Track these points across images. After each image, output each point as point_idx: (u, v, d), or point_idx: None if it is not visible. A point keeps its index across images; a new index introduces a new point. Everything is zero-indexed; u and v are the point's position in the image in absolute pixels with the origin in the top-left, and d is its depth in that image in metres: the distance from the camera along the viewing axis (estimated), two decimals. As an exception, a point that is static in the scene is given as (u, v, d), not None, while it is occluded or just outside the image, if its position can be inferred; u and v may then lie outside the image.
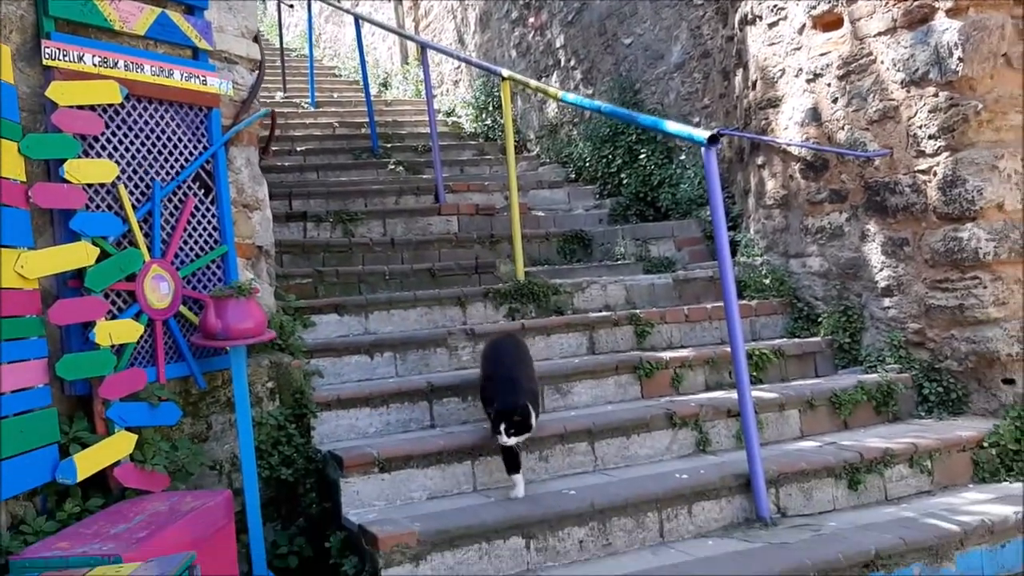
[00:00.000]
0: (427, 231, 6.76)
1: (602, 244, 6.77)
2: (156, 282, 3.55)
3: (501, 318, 5.41)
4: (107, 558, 2.59)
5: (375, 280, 5.76)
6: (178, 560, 2.39)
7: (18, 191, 3.04)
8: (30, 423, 2.96)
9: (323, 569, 3.84)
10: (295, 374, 4.21)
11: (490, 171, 8.43)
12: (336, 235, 6.52)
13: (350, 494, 3.77)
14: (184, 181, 3.77)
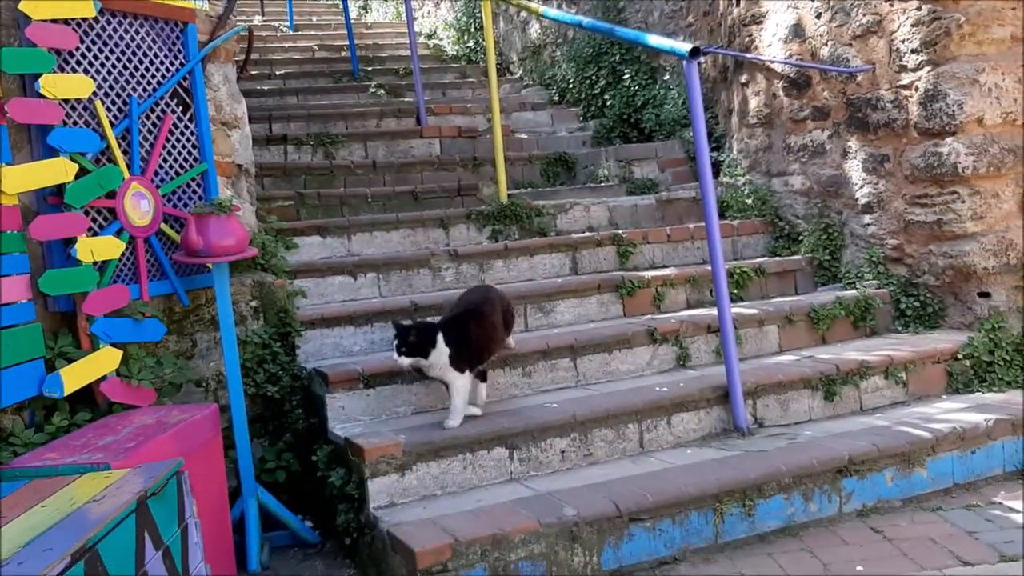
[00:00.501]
0: (409, 154, 6.73)
1: (586, 166, 6.75)
2: (136, 199, 3.54)
3: (484, 240, 5.42)
4: (96, 466, 2.63)
5: (357, 202, 5.74)
6: (166, 465, 2.44)
7: (-8, 105, 3.01)
8: (15, 337, 2.98)
9: (310, 482, 3.93)
10: (278, 293, 4.23)
11: (472, 94, 8.34)
12: (317, 158, 6.48)
13: (336, 409, 3.82)
14: (161, 98, 3.73)
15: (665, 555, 3.28)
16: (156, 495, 2.29)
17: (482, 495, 3.45)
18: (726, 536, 3.38)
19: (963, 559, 3.16)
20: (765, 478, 3.43)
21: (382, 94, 8.02)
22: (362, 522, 3.44)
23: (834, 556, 3.26)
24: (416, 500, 3.45)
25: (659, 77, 6.96)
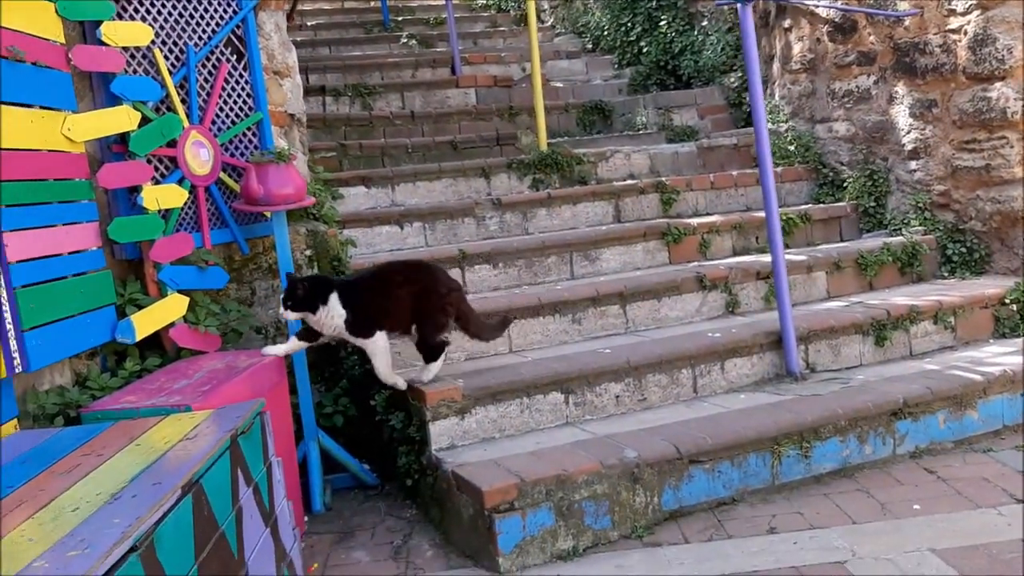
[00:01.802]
0: (445, 104, 6.71)
1: (622, 114, 6.72)
2: (196, 148, 3.57)
3: (525, 188, 5.44)
4: (177, 408, 2.70)
5: (398, 153, 5.76)
6: (250, 406, 2.50)
7: (58, 53, 3.03)
8: (87, 284, 3.03)
9: (367, 427, 4.00)
10: (332, 242, 4.27)
11: (504, 43, 8.29)
12: (356, 109, 6.48)
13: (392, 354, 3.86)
14: (216, 46, 3.73)
15: (724, 496, 3.34)
16: (245, 434, 2.35)
17: (540, 438, 3.51)
18: (783, 478, 3.43)
19: (1017, 497, 3.20)
20: (822, 421, 3.46)
21: (414, 44, 7.98)
22: (423, 464, 3.51)
23: (890, 496, 3.31)
24: (476, 442, 3.51)
25: (697, 23, 6.89)
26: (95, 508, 1.80)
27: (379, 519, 3.57)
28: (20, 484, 2.05)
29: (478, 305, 4.03)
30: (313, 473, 3.67)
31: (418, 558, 3.21)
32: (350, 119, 6.16)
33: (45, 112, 2.90)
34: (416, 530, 3.44)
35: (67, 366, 3.02)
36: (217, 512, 2.05)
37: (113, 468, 2.10)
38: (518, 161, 5.46)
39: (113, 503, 1.82)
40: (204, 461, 2.04)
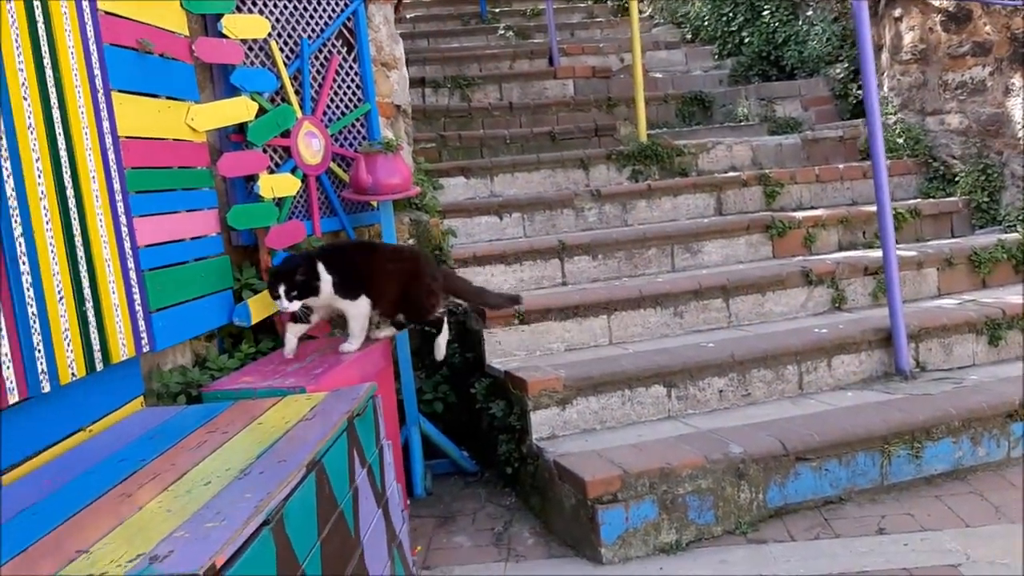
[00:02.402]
0: (543, 95, 6.72)
1: (723, 105, 6.63)
2: (308, 138, 3.66)
3: (624, 180, 5.41)
4: (292, 389, 2.78)
5: (496, 144, 5.80)
6: (363, 390, 2.55)
7: (182, 45, 3.14)
8: (207, 269, 3.14)
9: (465, 414, 4.05)
10: (434, 231, 4.32)
11: (601, 33, 8.26)
12: (454, 100, 6.54)
13: (492, 344, 3.91)
14: (329, 39, 3.82)
15: (831, 494, 3.27)
16: (360, 416, 2.41)
17: (642, 430, 3.50)
18: (892, 478, 3.34)
19: None
20: (934, 421, 3.36)
21: (511, 36, 8.01)
22: (524, 453, 3.53)
23: (1004, 499, 3.19)
24: (577, 433, 3.52)
25: (801, 13, 6.74)
26: (226, 483, 1.87)
27: (479, 505, 3.61)
28: (152, 458, 2.14)
29: (577, 297, 4.05)
30: (414, 458, 3.73)
31: (519, 545, 3.23)
32: (449, 110, 6.23)
33: (171, 102, 3.01)
34: (516, 518, 3.46)
35: (188, 347, 3.14)
36: (336, 491, 2.11)
37: (238, 445, 2.18)
38: (617, 152, 5.44)
39: (242, 478, 1.89)
40: (325, 441, 2.10)
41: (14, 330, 2.09)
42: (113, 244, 2.53)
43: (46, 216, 2.25)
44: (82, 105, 2.44)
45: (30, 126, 2.22)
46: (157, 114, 2.92)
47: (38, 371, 2.16)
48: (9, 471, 2.12)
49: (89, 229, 2.43)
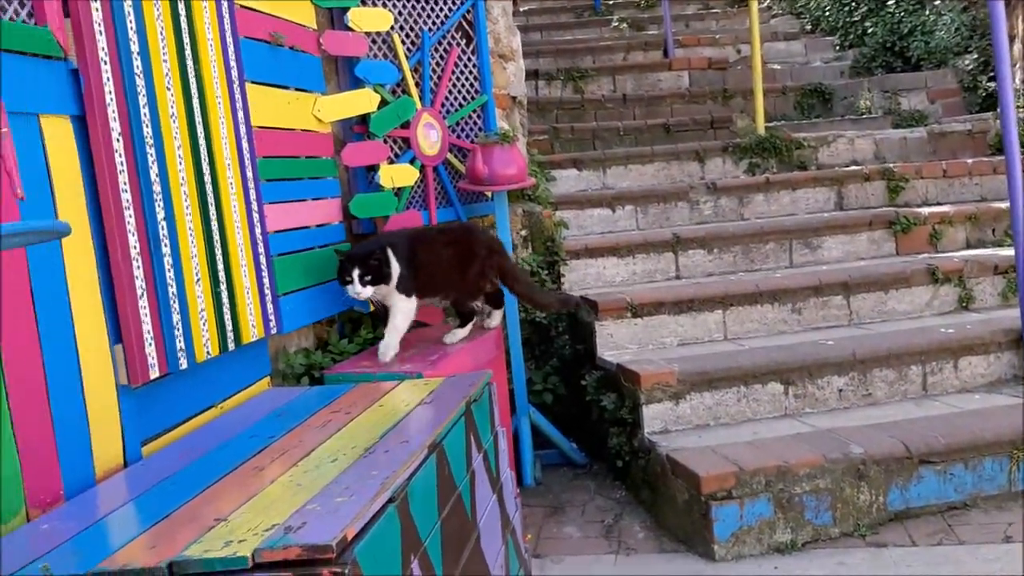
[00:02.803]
0: (657, 87, 6.66)
1: (844, 98, 6.43)
2: (427, 129, 3.72)
3: (741, 173, 5.32)
4: (410, 375, 2.83)
5: (609, 136, 5.78)
6: (479, 376, 2.59)
7: (311, 38, 3.23)
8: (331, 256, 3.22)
9: (574, 406, 4.06)
10: (546, 223, 4.34)
11: (717, 24, 8.12)
12: (567, 92, 6.54)
13: (604, 337, 3.90)
14: (449, 31, 3.87)
15: (955, 500, 3.15)
16: (477, 402, 2.44)
17: (757, 428, 3.44)
18: (1020, 484, 3.20)
19: None
20: (1071, 428, 3.20)
21: (625, 28, 7.95)
22: (635, 446, 3.52)
23: None
24: (690, 428, 3.48)
25: (928, 2, 6.48)
26: (352, 460, 1.92)
27: (588, 497, 3.62)
28: (280, 435, 2.22)
29: (692, 291, 4.01)
30: (524, 448, 3.76)
31: (630, 538, 3.22)
32: (562, 102, 6.24)
33: (300, 94, 3.11)
34: (626, 511, 3.45)
35: (311, 331, 3.24)
36: (455, 474, 2.14)
37: (361, 426, 2.24)
38: (734, 145, 5.35)
39: (367, 457, 1.94)
40: (445, 424, 2.14)
41: (156, 309, 2.20)
42: (245, 230, 2.63)
43: (186, 201, 2.36)
44: (219, 96, 2.55)
45: (172, 115, 2.33)
46: (286, 105, 3.02)
47: (176, 349, 2.26)
48: (148, 442, 2.23)
49: (224, 215, 2.53)
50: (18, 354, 1.82)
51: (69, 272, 1.99)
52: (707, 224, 4.80)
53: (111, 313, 2.11)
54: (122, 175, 2.12)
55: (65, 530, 1.70)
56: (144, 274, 2.17)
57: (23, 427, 1.81)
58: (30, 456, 1.83)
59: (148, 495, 1.88)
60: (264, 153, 2.83)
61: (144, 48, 2.23)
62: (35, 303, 1.88)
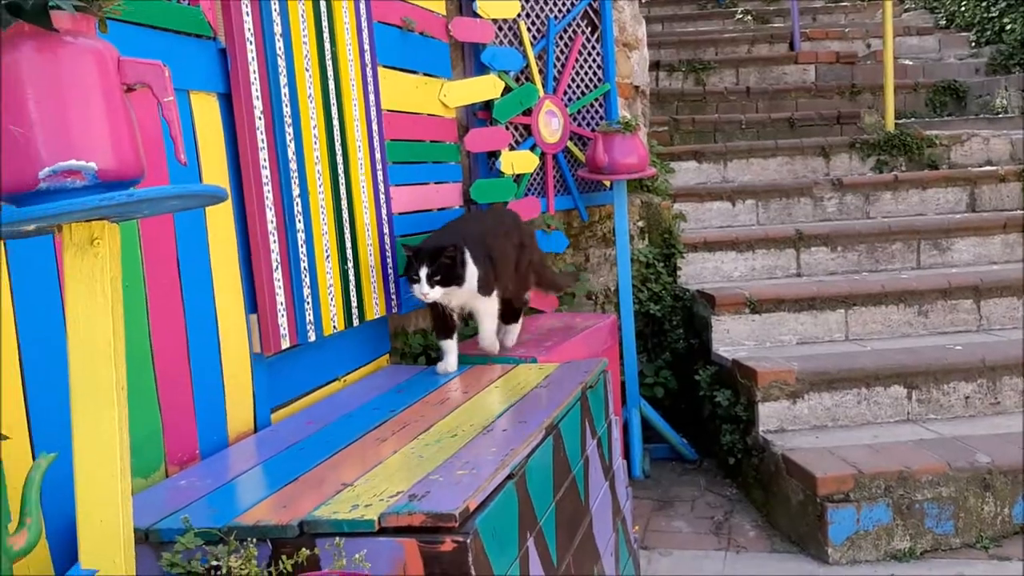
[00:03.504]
0: (782, 80, 6.50)
1: (979, 96, 6.15)
2: (548, 117, 3.74)
3: (868, 170, 5.15)
4: (524, 359, 2.86)
5: (731, 129, 5.68)
6: (595, 363, 2.59)
7: (440, 24, 3.28)
8: (450, 239, 3.28)
9: (685, 401, 4.02)
10: (664, 215, 4.31)
11: (846, 18, 7.87)
12: (688, 84, 6.45)
13: (720, 332, 3.84)
14: (574, 19, 3.87)
15: (1090, 518, 2.99)
16: (592, 388, 2.45)
17: (877, 431, 3.33)
18: None
19: None
20: None
21: (749, 20, 7.79)
22: (748, 444, 3.46)
23: None
24: (807, 429, 3.40)
25: (1078, -5, 6.12)
26: (471, 437, 1.95)
27: (698, 493, 3.58)
28: (400, 409, 2.28)
29: (814, 289, 3.91)
30: (634, 440, 3.74)
31: (740, 536, 3.18)
32: (683, 94, 6.16)
33: (427, 78, 3.16)
34: (737, 509, 3.40)
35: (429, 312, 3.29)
36: (570, 457, 2.15)
37: (479, 404, 2.27)
38: (861, 141, 5.18)
39: (486, 434, 1.97)
40: (562, 407, 2.15)
41: (289, 283, 2.28)
42: (372, 210, 2.70)
43: (319, 180, 2.43)
44: (353, 78, 2.62)
45: (310, 96, 2.41)
46: (414, 89, 3.08)
47: (306, 321, 2.34)
48: (277, 410, 2.32)
49: (353, 195, 2.60)
50: (164, 320, 1.92)
51: (212, 243, 2.08)
52: (831, 221, 4.67)
53: (248, 284, 2.20)
54: (262, 152, 2.21)
55: (201, 487, 1.79)
56: (279, 248, 2.26)
57: (166, 389, 1.91)
58: (171, 416, 1.93)
59: (277, 459, 1.96)
60: (391, 136, 2.89)
61: (286, 30, 2.32)
62: (181, 272, 1.98)
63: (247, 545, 1.47)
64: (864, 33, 7.02)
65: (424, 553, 1.48)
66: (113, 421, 1.18)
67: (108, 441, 1.17)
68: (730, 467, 3.61)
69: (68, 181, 1.10)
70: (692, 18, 7.99)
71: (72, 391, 1.18)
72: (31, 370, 1.57)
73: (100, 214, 1.14)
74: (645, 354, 4.17)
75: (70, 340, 1.17)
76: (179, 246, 1.98)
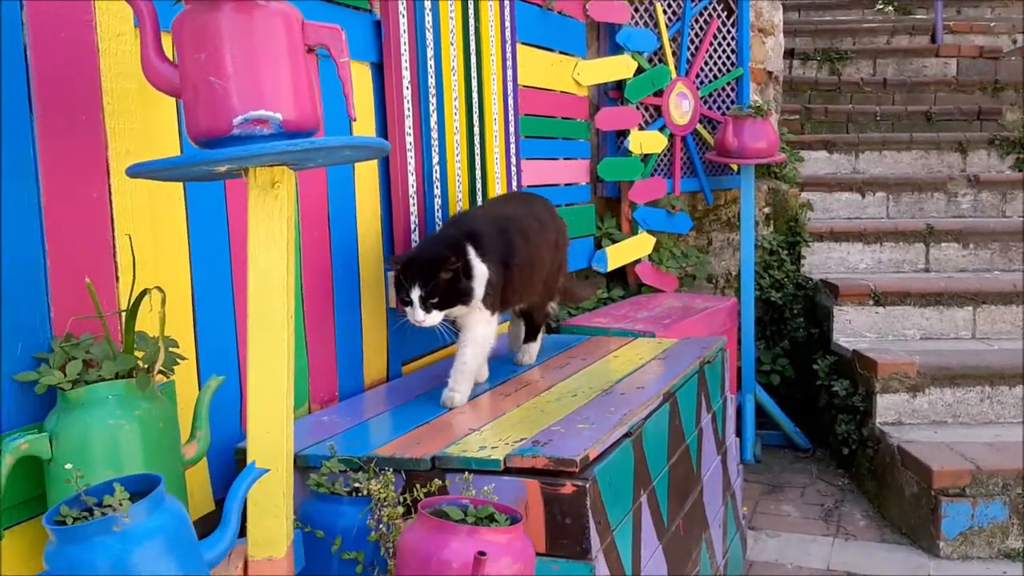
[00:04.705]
0: (921, 73, 6.30)
1: None
2: (679, 99, 3.78)
3: (1006, 168, 4.97)
4: (643, 334, 2.93)
5: (864, 120, 5.56)
6: (714, 341, 2.65)
7: (577, 3, 3.37)
8: (575, 215, 3.37)
9: (800, 390, 4.01)
10: (791, 202, 4.29)
11: (992, 12, 7.54)
12: (823, 73, 6.33)
13: (842, 322, 3.82)
14: (711, 2, 3.89)
15: None
16: (710, 363, 2.51)
17: (999, 431, 3.27)
18: None
19: None
20: None
21: (890, 11, 7.57)
22: (864, 435, 3.44)
23: None
24: (925, 423, 3.36)
25: None
26: (590, 398, 2.05)
27: (809, 481, 3.58)
28: (522, 371, 2.39)
29: (942, 284, 3.84)
30: (746, 424, 3.76)
31: (850, 525, 3.18)
32: (816, 83, 6.05)
33: (563, 56, 3.26)
34: (848, 498, 3.40)
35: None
36: (685, 426, 2.22)
37: (598, 370, 2.37)
38: (1001, 138, 5.01)
39: (605, 396, 2.06)
40: (680, 377, 2.22)
41: (425, 243, 2.42)
42: (504, 181, 2.82)
43: (456, 149, 2.56)
44: (493, 54, 2.74)
45: (453, 68, 2.53)
46: (549, 67, 3.18)
47: (439, 281, 2.48)
48: (407, 363, 2.47)
49: (487, 165, 2.72)
50: (314, 271, 2.08)
51: (358, 204, 2.24)
52: (964, 218, 4.55)
53: (388, 242, 2.35)
54: (408, 120, 2.35)
55: (341, 423, 1.95)
56: (417, 211, 2.40)
57: (313, 334, 2.08)
58: (316, 360, 2.09)
59: (408, 405, 2.10)
60: (525, 111, 3.00)
61: (435, 5, 2.45)
62: (331, 228, 2.14)
63: (385, 472, 1.61)
64: (1010, 28, 6.72)
65: (545, 493, 1.59)
66: (283, 345, 1.32)
67: (278, 362, 1.32)
68: (843, 457, 3.59)
69: (256, 129, 1.25)
70: (830, 7, 7.80)
71: (249, 317, 1.33)
72: (201, 301, 1.75)
73: (283, 159, 1.28)
74: (763, 341, 4.17)
75: (250, 271, 1.32)
76: (330, 204, 2.14)
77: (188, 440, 1.52)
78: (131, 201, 1.58)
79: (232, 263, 1.84)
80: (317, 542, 1.54)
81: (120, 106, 1.56)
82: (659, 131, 3.71)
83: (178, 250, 1.72)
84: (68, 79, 1.46)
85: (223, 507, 1.25)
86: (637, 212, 3.63)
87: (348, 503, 1.57)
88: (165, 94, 1.34)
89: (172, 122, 1.70)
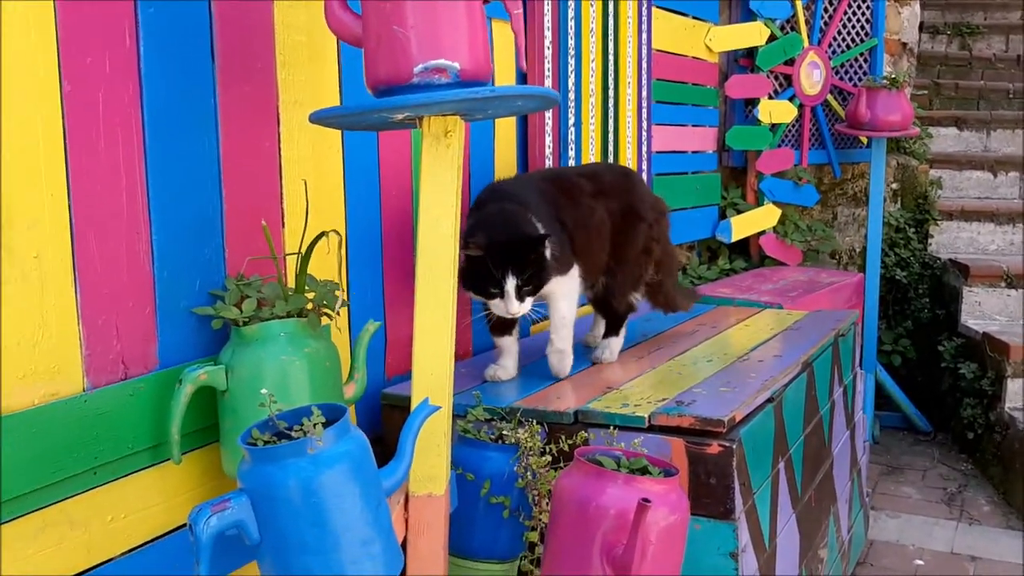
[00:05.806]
0: (1060, 49, 6.00)
1: None
2: (810, 68, 3.68)
3: None
4: (770, 305, 2.89)
5: (996, 98, 5.33)
6: (846, 314, 2.59)
7: (712, -30, 3.32)
8: (701, 183, 3.34)
9: (921, 372, 3.89)
10: (920, 179, 4.15)
11: None
12: (953, 48, 6.07)
13: (971, 304, 3.69)
14: (846, -30, 3.78)
15: None
16: (843, 337, 2.46)
17: None
18: None
19: None
20: None
21: (1027, -17, 7.20)
22: (991, 420, 3.33)
23: None
24: (1059, 411, 3.24)
25: None
26: (726, 364, 2.04)
27: (930, 464, 3.49)
28: (652, 335, 2.39)
29: (1081, 268, 3.68)
30: (866, 404, 3.67)
31: (973, 510, 3.09)
32: (946, 58, 5.82)
33: (695, 22, 3.21)
34: (971, 483, 3.30)
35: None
36: (819, 397, 2.19)
37: (730, 338, 2.35)
38: None
39: (741, 362, 2.05)
40: (817, 348, 2.19)
41: (559, 204, 2.43)
42: (635, 145, 2.81)
43: (591, 112, 2.56)
44: (630, 16, 2.72)
45: (591, 30, 2.53)
46: (683, 31, 3.14)
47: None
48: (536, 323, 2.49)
49: (620, 129, 2.72)
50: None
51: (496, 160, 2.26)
52: (1111, 202, 4.34)
53: (524, 202, 2.37)
54: (547, 80, 2.36)
55: (479, 375, 1.99)
56: (553, 171, 2.41)
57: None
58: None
59: (542, 362, 2.12)
60: (657, 76, 2.97)
61: (578, -34, 2.44)
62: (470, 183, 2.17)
63: (530, 423, 1.64)
64: None
65: (690, 452, 1.59)
66: (449, 289, 1.36)
67: (444, 305, 1.35)
68: (967, 441, 3.49)
69: (435, 78, 1.27)
70: (962, -22, 7.47)
71: (418, 262, 1.37)
72: (354, 248, 1.81)
73: (461, 108, 1.30)
74: (884, 321, 4.06)
75: (421, 218, 1.36)
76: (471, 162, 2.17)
77: (347, 380, 1.57)
78: (297, 150, 1.64)
79: (382, 213, 1.89)
80: (466, 485, 1.58)
81: (291, 57, 1.61)
82: (789, 100, 3.63)
83: (335, 198, 1.77)
84: (247, 28, 1.52)
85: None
86: (763, 183, 3.57)
87: (494, 449, 1.60)
88: (347, 43, 1.38)
89: (334, 74, 1.75)
